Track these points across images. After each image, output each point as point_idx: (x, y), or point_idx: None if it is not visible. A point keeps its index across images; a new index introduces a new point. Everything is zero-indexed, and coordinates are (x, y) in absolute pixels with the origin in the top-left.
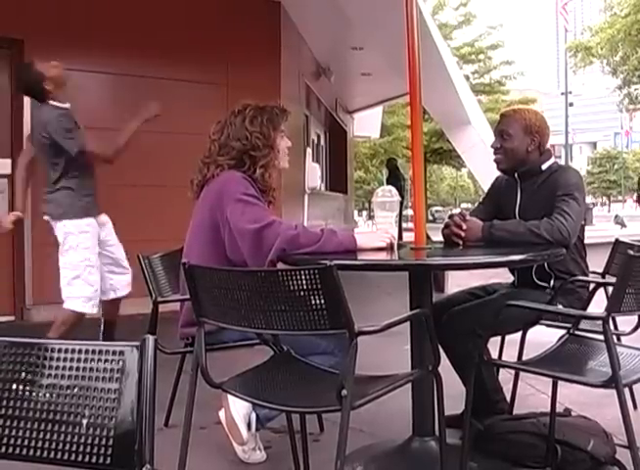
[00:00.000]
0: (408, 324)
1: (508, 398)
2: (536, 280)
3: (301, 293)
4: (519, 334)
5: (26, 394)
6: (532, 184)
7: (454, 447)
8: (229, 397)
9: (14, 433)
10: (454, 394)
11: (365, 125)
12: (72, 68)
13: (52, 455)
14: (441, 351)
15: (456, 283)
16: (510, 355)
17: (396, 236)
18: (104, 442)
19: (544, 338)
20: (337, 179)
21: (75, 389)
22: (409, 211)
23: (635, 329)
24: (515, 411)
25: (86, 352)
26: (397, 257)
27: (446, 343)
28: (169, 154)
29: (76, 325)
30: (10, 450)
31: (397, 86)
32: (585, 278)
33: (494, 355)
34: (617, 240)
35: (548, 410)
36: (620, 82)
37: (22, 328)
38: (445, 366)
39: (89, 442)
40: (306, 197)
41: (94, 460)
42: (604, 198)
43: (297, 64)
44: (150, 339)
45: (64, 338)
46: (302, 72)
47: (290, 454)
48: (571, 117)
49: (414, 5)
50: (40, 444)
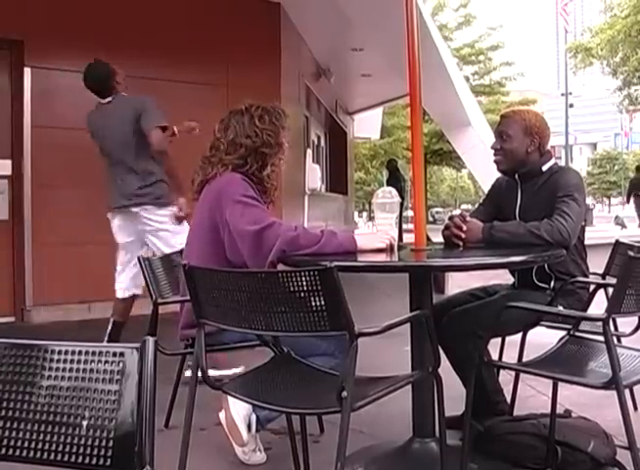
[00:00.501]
0: (408, 325)
1: (508, 399)
2: (536, 281)
3: (302, 294)
4: (519, 335)
5: (26, 395)
6: (533, 185)
7: (454, 449)
8: (229, 398)
9: (14, 434)
10: (454, 395)
11: (365, 126)
12: (72, 69)
13: (52, 457)
14: (442, 352)
15: (456, 284)
16: (510, 357)
17: (396, 237)
18: (104, 443)
19: (544, 339)
20: (337, 180)
21: (75, 390)
22: (409, 213)
23: (635, 330)
24: (515, 412)
25: (86, 353)
26: (397, 258)
27: (446, 344)
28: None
29: None
30: (10, 452)
31: (397, 87)
32: (585, 279)
33: (494, 357)
34: (617, 241)
35: (548, 411)
36: (620, 83)
37: (22, 329)
38: (445, 367)
39: (89, 443)
40: (306, 198)
41: (94, 462)
42: (604, 199)
43: (297, 65)
44: (150, 340)
45: None
46: (302, 73)
47: (290, 456)
48: (571, 118)
49: (414, 6)
50: (40, 445)
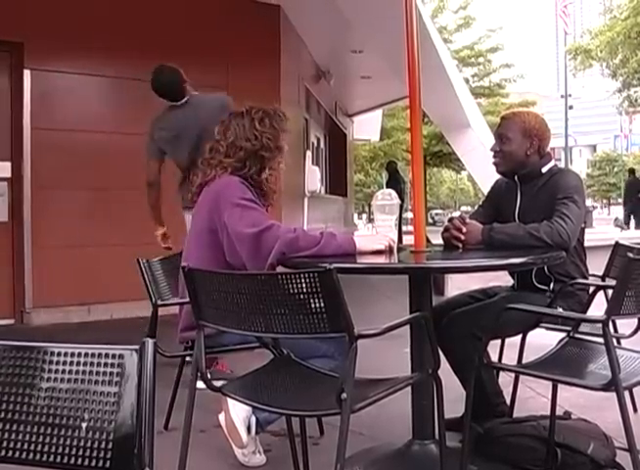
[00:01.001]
0: (408, 327)
1: (508, 401)
2: (536, 283)
3: (301, 296)
4: (519, 337)
5: (26, 397)
6: (532, 187)
7: (454, 451)
8: (229, 400)
9: (13, 437)
10: (454, 397)
11: (365, 128)
12: (72, 71)
13: (51, 459)
14: (441, 354)
15: (456, 286)
16: (510, 358)
17: (396, 239)
18: (103, 445)
19: (544, 341)
20: (336, 182)
21: (75, 392)
22: (409, 214)
23: (635, 332)
24: (515, 414)
25: (86, 355)
26: (397, 260)
27: (446, 346)
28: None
29: None
30: (9, 454)
31: (397, 89)
32: (585, 281)
33: (494, 359)
34: (616, 243)
35: (548, 413)
36: (620, 85)
37: (21, 331)
38: (445, 369)
39: (89, 445)
40: (306, 200)
41: (94, 464)
42: (604, 200)
43: (297, 67)
44: (149, 342)
45: None
46: (302, 76)
47: (290, 458)
48: (570, 120)
49: (413, 8)
50: (40, 447)
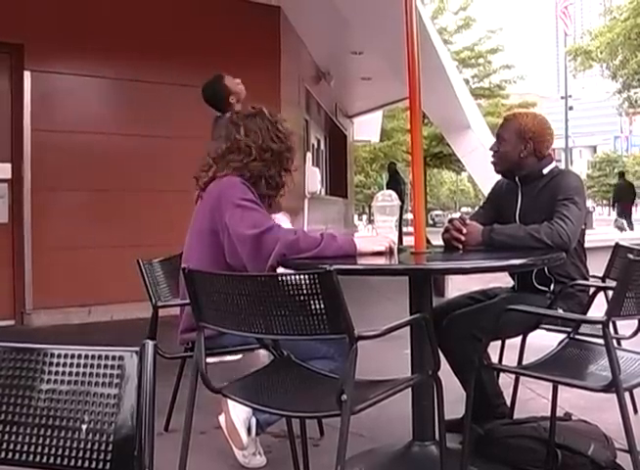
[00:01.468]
0: (408, 328)
1: (508, 402)
2: (536, 284)
3: (301, 297)
4: (519, 338)
5: (26, 399)
6: (533, 188)
7: (454, 452)
8: (229, 401)
9: (13, 438)
10: (454, 398)
11: (365, 130)
12: (72, 72)
13: (51, 461)
14: (441, 355)
15: (456, 287)
16: (510, 360)
17: (396, 240)
18: (103, 447)
19: (544, 342)
20: (337, 183)
21: (75, 394)
22: (409, 215)
23: (635, 333)
24: (515, 416)
25: (86, 357)
26: (397, 261)
27: (446, 347)
28: (169, 158)
29: None
30: (9, 456)
31: (397, 90)
32: (585, 282)
33: (494, 360)
34: (617, 244)
35: (548, 414)
36: (620, 86)
37: (21, 333)
38: (445, 371)
39: (89, 447)
40: (306, 201)
41: (93, 466)
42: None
43: (297, 68)
44: (149, 344)
45: None
46: (302, 77)
47: (290, 459)
48: (570, 121)
49: (414, 9)
50: (40, 449)
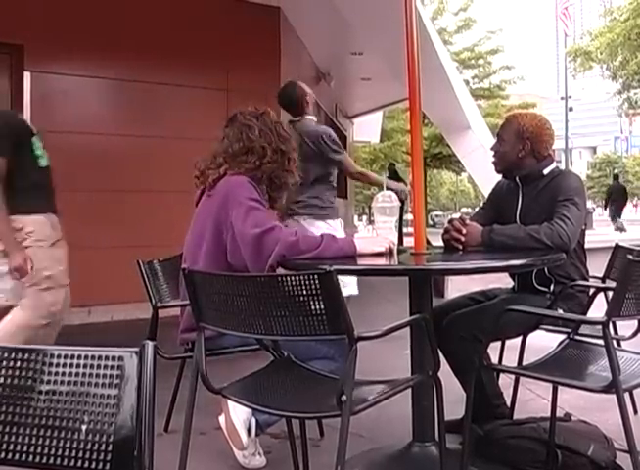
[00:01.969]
0: (408, 329)
1: (508, 402)
2: (536, 285)
3: (301, 298)
4: (519, 339)
5: (25, 400)
6: (534, 189)
7: (454, 453)
8: (229, 402)
9: (12, 439)
10: (454, 399)
11: (365, 130)
12: (72, 73)
13: (51, 461)
14: (441, 355)
15: (456, 288)
16: (510, 360)
17: (396, 241)
18: (103, 447)
19: (544, 343)
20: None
21: (75, 395)
22: (409, 216)
23: (635, 334)
24: (515, 416)
25: (85, 357)
26: (397, 262)
27: (446, 348)
28: (168, 159)
29: None
30: (9, 457)
31: (397, 91)
32: (585, 283)
33: (494, 360)
34: (616, 244)
35: (548, 415)
36: (620, 87)
37: None
38: (445, 371)
39: (88, 448)
40: None
41: (93, 466)
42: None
43: (297, 69)
44: (149, 345)
45: None
46: (302, 77)
47: (290, 459)
48: (570, 122)
49: (413, 10)
50: (39, 450)
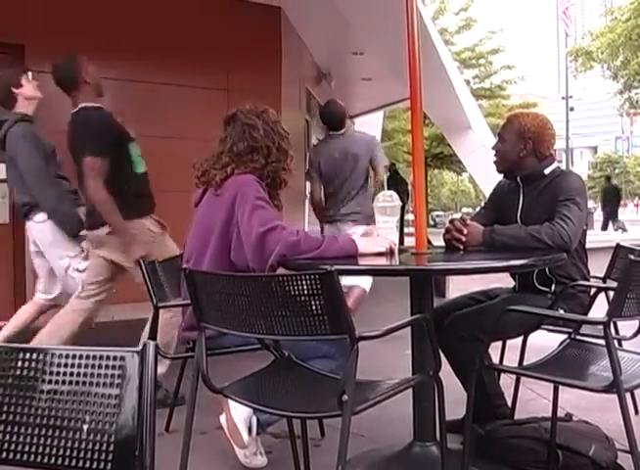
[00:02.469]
0: (409, 329)
1: (509, 402)
2: (537, 285)
3: (302, 298)
4: (520, 339)
5: (27, 399)
6: (535, 188)
7: (455, 453)
8: (230, 401)
9: (14, 439)
10: (455, 399)
11: (366, 130)
12: None
13: (52, 461)
14: (442, 355)
15: (457, 288)
16: (511, 360)
17: (397, 241)
18: (104, 447)
19: (545, 343)
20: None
21: (76, 394)
22: (410, 216)
23: (636, 334)
24: (516, 416)
25: (87, 357)
26: (398, 262)
27: (447, 348)
28: (168, 159)
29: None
30: (10, 456)
31: (398, 91)
32: (586, 283)
33: (495, 360)
34: (617, 244)
35: (549, 415)
36: (621, 87)
37: (22, 333)
38: (446, 371)
39: (90, 447)
40: (307, 202)
41: (94, 466)
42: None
43: (298, 69)
44: (150, 344)
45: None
46: (303, 77)
47: (291, 459)
48: (571, 122)
49: (414, 10)
50: (41, 449)
